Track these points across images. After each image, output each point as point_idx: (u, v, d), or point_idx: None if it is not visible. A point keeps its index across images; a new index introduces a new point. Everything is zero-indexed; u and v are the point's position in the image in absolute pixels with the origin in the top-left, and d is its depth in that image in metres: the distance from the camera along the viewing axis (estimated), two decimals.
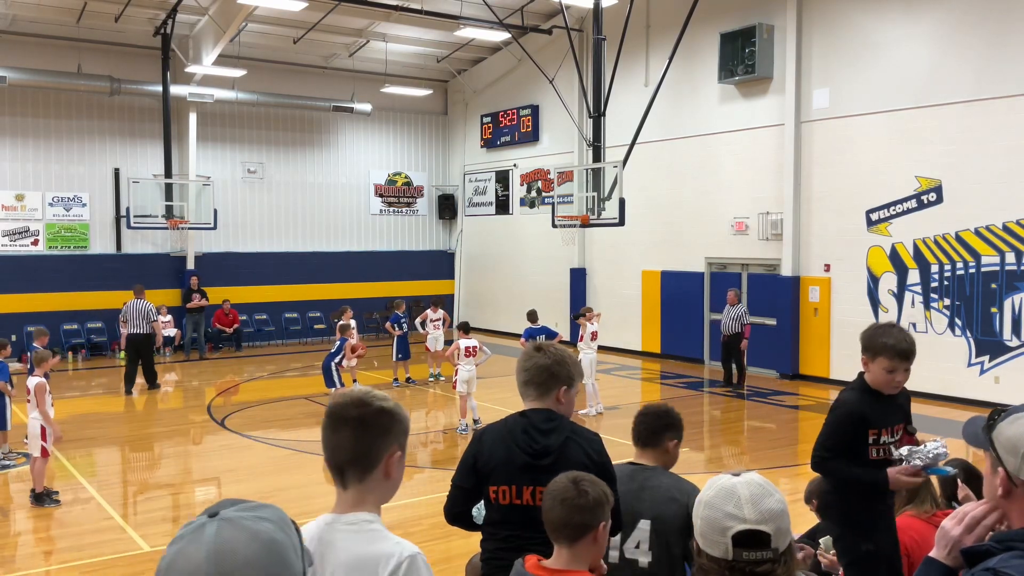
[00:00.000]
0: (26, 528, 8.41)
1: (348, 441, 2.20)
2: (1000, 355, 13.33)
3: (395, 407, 2.27)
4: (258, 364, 18.94)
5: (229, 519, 1.32)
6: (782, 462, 10.72)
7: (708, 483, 1.91)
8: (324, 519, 2.22)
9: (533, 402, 3.41)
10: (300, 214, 22.75)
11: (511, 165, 22.96)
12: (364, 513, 2.20)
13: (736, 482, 1.85)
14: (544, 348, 3.43)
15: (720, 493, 1.84)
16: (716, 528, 1.81)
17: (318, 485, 10.02)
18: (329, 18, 19.40)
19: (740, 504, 1.80)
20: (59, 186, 19.70)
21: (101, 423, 12.52)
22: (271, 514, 1.36)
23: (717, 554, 1.80)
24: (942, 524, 2.03)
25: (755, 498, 1.81)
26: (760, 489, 1.83)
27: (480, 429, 3.61)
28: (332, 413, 2.24)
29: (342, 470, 2.22)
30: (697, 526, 1.86)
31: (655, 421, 3.75)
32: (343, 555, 2.14)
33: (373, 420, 2.21)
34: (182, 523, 1.66)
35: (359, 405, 2.22)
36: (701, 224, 17.81)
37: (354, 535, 2.16)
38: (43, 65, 18.84)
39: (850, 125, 15.15)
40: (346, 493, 2.23)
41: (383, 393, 2.32)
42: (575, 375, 3.41)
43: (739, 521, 1.79)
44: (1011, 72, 12.96)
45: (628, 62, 17.51)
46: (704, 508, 1.85)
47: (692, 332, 18.21)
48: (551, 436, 3.28)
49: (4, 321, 18.77)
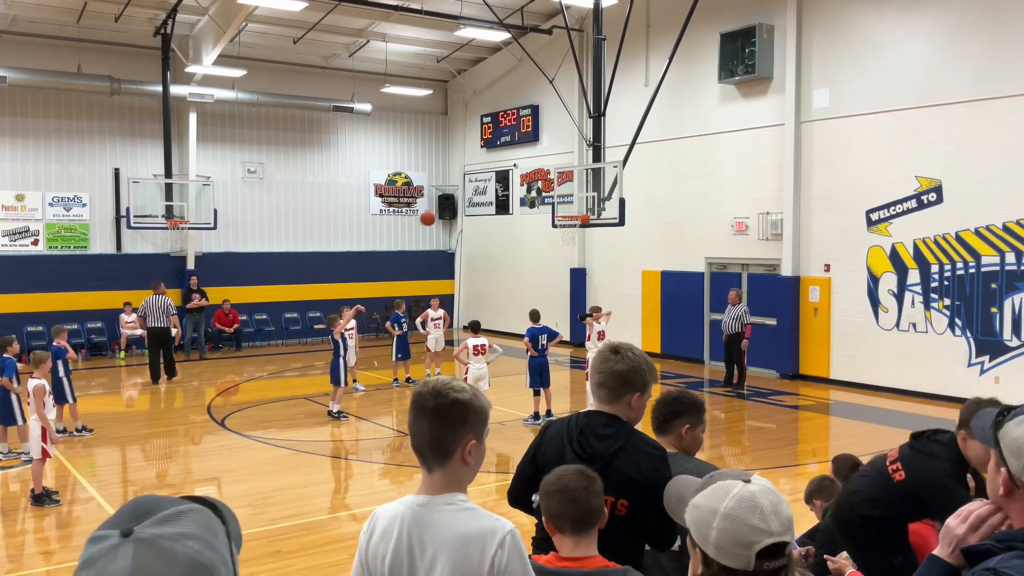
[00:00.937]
0: (26, 528, 8.41)
1: (426, 429, 2.36)
2: (1000, 355, 13.32)
3: (471, 399, 2.37)
4: (258, 364, 18.94)
5: (147, 541, 1.12)
6: (782, 462, 10.72)
7: (714, 489, 1.77)
8: (415, 500, 2.37)
9: (602, 404, 3.36)
10: (300, 214, 22.75)
11: (511, 165, 22.96)
12: (458, 494, 2.35)
13: (754, 492, 1.74)
14: (622, 352, 3.36)
15: (741, 505, 1.73)
16: (740, 543, 1.71)
17: (318, 485, 10.02)
18: (329, 18, 19.40)
19: (765, 517, 1.71)
20: (59, 186, 19.69)
21: (101, 423, 12.52)
22: (196, 527, 1.18)
23: (736, 566, 1.72)
24: (947, 522, 2.02)
25: (775, 507, 1.73)
26: (775, 496, 1.76)
27: (548, 421, 3.66)
28: (414, 402, 2.38)
29: (424, 455, 2.39)
30: (710, 537, 1.73)
31: (666, 408, 3.76)
32: (447, 533, 2.28)
33: (448, 411, 2.33)
34: None
35: (436, 396, 2.34)
36: (701, 224, 17.81)
37: (455, 514, 2.30)
38: (43, 65, 18.84)
39: (850, 125, 15.15)
40: (432, 476, 2.38)
41: (462, 384, 2.41)
42: (649, 381, 3.36)
43: (767, 535, 1.70)
44: (1011, 72, 12.96)
45: (628, 62, 17.51)
46: (722, 520, 1.72)
47: (692, 332, 18.21)
48: (605, 442, 3.25)
49: (4, 321, 18.75)
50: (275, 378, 17.31)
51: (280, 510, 8.67)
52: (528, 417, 12.69)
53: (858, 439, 11.53)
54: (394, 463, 10.91)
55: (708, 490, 1.79)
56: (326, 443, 12.04)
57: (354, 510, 8.88)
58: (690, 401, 3.77)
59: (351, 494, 9.70)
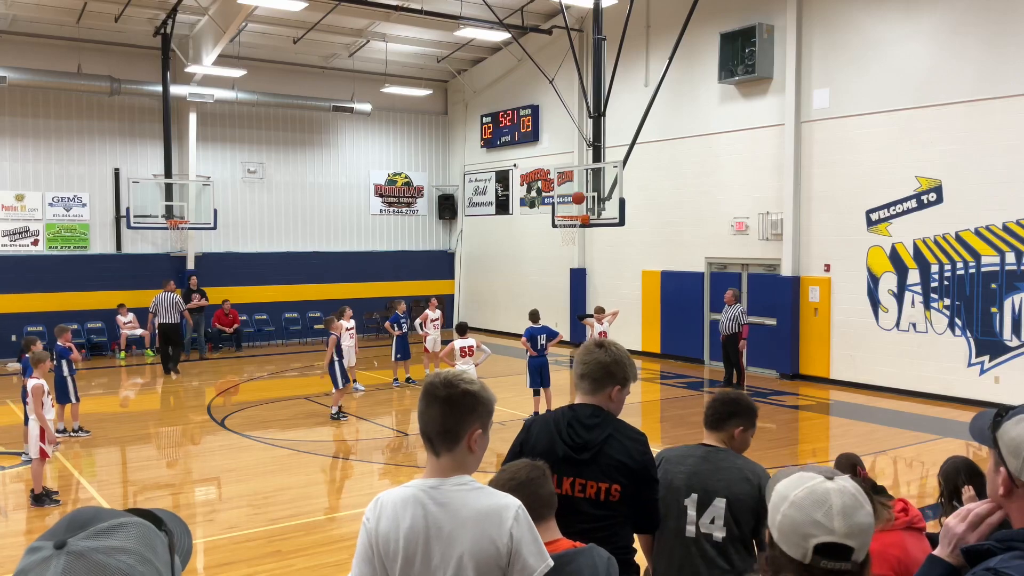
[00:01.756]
0: (26, 528, 8.40)
1: (437, 416, 2.49)
2: (1000, 355, 13.32)
3: (480, 390, 2.53)
4: (258, 364, 18.94)
5: (79, 553, 1.12)
6: (782, 462, 10.71)
7: (796, 478, 1.80)
8: (425, 483, 2.49)
9: (584, 396, 3.50)
10: (300, 214, 22.75)
11: (511, 165, 22.96)
12: (465, 476, 2.50)
13: (830, 488, 1.74)
14: (606, 346, 3.51)
15: (810, 497, 1.74)
16: (798, 532, 1.72)
17: (318, 485, 10.03)
18: (329, 18, 19.40)
19: (831, 514, 1.71)
20: (59, 186, 19.69)
21: (101, 423, 12.52)
22: (132, 542, 1.16)
23: (794, 555, 1.73)
24: (946, 522, 2.02)
25: (847, 510, 1.72)
26: (853, 500, 1.74)
27: (530, 418, 3.75)
28: (426, 391, 2.53)
29: (432, 441, 2.51)
30: (776, 520, 1.77)
31: (723, 407, 3.94)
32: (464, 511, 2.42)
33: (459, 400, 2.48)
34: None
35: (448, 386, 2.50)
36: (701, 224, 17.81)
37: (469, 493, 2.45)
38: (43, 65, 18.84)
39: (850, 125, 15.15)
40: (439, 460, 2.51)
41: (472, 377, 2.59)
42: (630, 376, 3.52)
43: (826, 532, 1.70)
44: (1011, 72, 12.95)
45: (628, 62, 17.51)
46: (789, 507, 1.75)
47: (692, 332, 18.21)
48: (593, 431, 3.38)
49: (4, 321, 18.79)
50: (275, 378, 17.31)
51: (280, 510, 8.67)
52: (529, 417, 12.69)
53: (858, 439, 11.53)
54: (394, 463, 10.90)
55: (792, 478, 1.82)
56: (326, 443, 12.04)
57: (354, 510, 8.88)
58: (747, 405, 3.98)
59: (351, 494, 9.70)
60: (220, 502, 9.33)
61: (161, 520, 1.24)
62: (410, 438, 12.19)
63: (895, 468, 10.36)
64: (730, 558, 3.73)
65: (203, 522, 8.31)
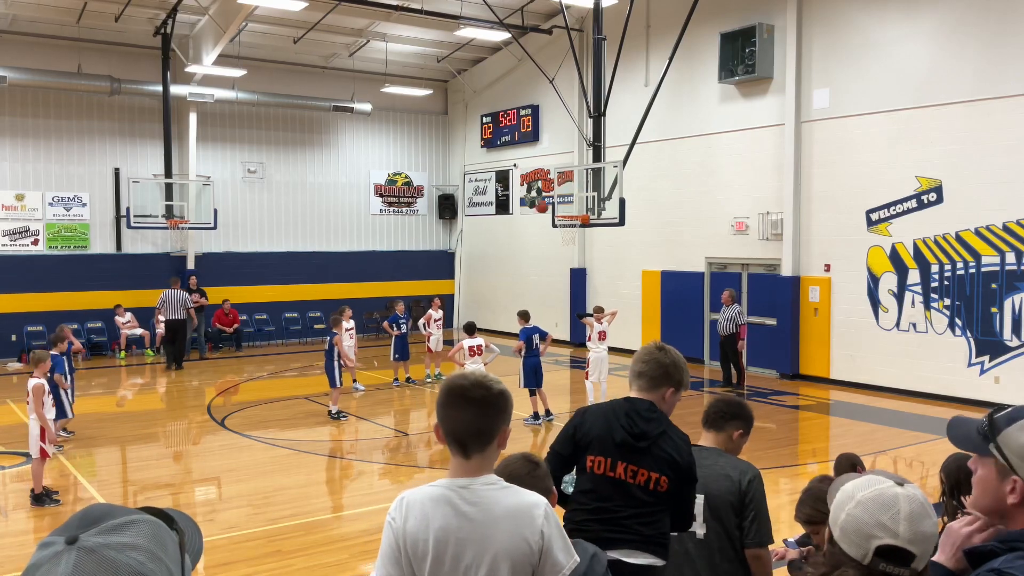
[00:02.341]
0: (26, 528, 8.41)
1: (471, 418, 2.49)
2: (1000, 355, 13.32)
3: (505, 389, 2.58)
4: (258, 364, 18.94)
5: (90, 549, 1.12)
6: (782, 462, 10.71)
7: (866, 479, 1.81)
8: (455, 483, 2.48)
9: (640, 392, 3.63)
10: (300, 214, 22.75)
11: (511, 165, 22.95)
12: (492, 475, 2.52)
13: (899, 493, 1.75)
14: (666, 349, 3.64)
15: (879, 499, 1.75)
16: (862, 533, 1.74)
17: (318, 485, 10.03)
18: (329, 18, 19.39)
19: (897, 519, 1.72)
20: (59, 186, 19.69)
21: (101, 423, 12.52)
22: (143, 539, 1.17)
23: (854, 555, 1.75)
24: (949, 525, 2.01)
25: (914, 517, 1.73)
26: (921, 508, 1.75)
27: (584, 407, 3.83)
28: (455, 393, 2.51)
29: (465, 443, 2.49)
30: (839, 518, 1.78)
31: (727, 408, 4.10)
32: (497, 509, 2.44)
33: (494, 401, 2.51)
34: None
35: (481, 387, 2.50)
36: (701, 224, 17.81)
37: (501, 491, 2.48)
38: (43, 65, 18.83)
39: (850, 125, 15.15)
40: (469, 462, 2.50)
41: (496, 377, 2.61)
42: (686, 381, 3.65)
43: (890, 535, 1.71)
44: (1011, 72, 12.95)
45: (628, 62, 17.51)
46: (855, 506, 1.76)
47: (692, 332, 18.20)
48: (651, 424, 3.52)
49: (4, 321, 18.79)
50: (275, 378, 17.31)
51: (280, 510, 8.67)
52: (528, 417, 12.69)
53: (858, 439, 11.53)
54: (394, 463, 10.90)
55: (861, 479, 1.83)
56: (326, 443, 12.04)
57: (354, 510, 8.88)
58: (749, 411, 4.16)
59: (351, 494, 9.69)
60: (220, 502, 9.33)
61: (172, 519, 1.25)
62: (410, 438, 12.19)
63: (895, 468, 10.35)
64: (712, 556, 3.79)
65: (203, 522, 8.31)
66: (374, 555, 2.62)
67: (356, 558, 7.34)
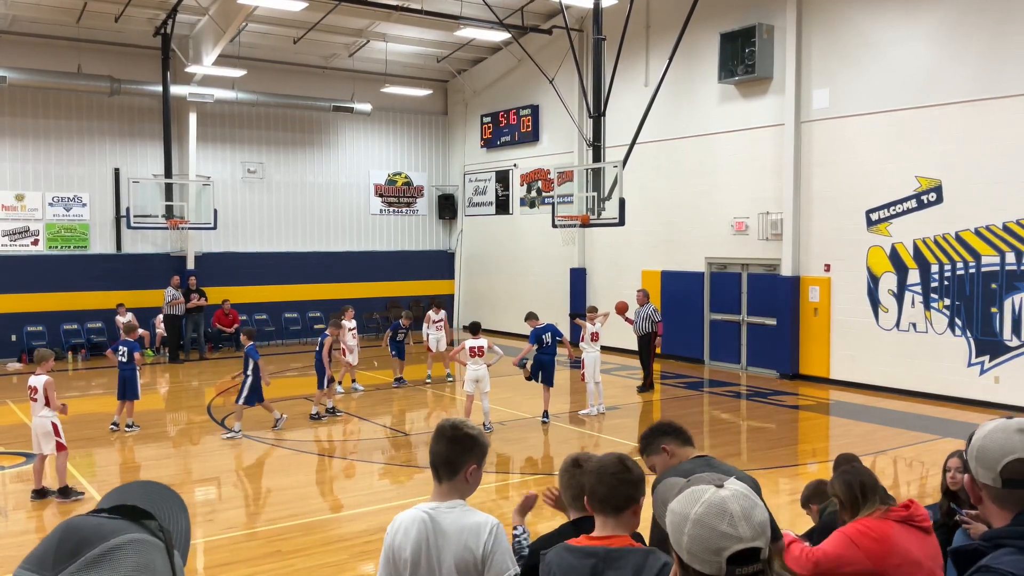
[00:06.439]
0: (26, 528, 8.41)
1: (442, 450, 3.15)
2: (1000, 355, 13.32)
3: (478, 435, 3.19)
4: None
5: None
6: (782, 462, 10.72)
7: (688, 495, 1.76)
8: (428, 506, 3.15)
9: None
10: (300, 214, 22.75)
11: (511, 165, 22.96)
12: (456, 500, 3.15)
13: (725, 496, 1.73)
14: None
15: (711, 510, 1.71)
16: (710, 548, 1.70)
17: (317, 485, 10.03)
18: (329, 18, 19.40)
19: (734, 522, 1.69)
20: (59, 186, 19.69)
21: (101, 423, 12.52)
22: (124, 569, 1.05)
23: (708, 571, 1.71)
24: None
25: (746, 512, 1.71)
26: (747, 500, 1.74)
27: (548, 554, 3.16)
28: (436, 429, 3.21)
29: (438, 470, 3.17)
30: (682, 542, 1.73)
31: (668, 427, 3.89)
32: (453, 527, 3.08)
33: (462, 439, 3.15)
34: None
35: (454, 428, 3.18)
36: (701, 224, 17.81)
37: (457, 513, 3.12)
38: (43, 65, 18.83)
39: (850, 125, 15.15)
40: (441, 487, 3.17)
41: (473, 424, 3.27)
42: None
43: (736, 541, 1.69)
44: (1011, 72, 12.96)
45: (628, 62, 17.51)
46: (693, 526, 1.72)
47: (692, 332, 18.20)
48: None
49: (4, 321, 18.80)
50: (275, 378, 17.25)
51: (280, 510, 8.68)
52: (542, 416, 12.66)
53: (858, 439, 11.53)
54: (394, 463, 10.91)
55: (683, 495, 1.78)
56: (325, 443, 12.05)
57: (354, 510, 8.88)
58: (676, 428, 3.86)
59: (351, 494, 9.69)
60: (220, 502, 9.33)
61: (152, 516, 1.14)
62: (410, 438, 12.19)
63: (895, 468, 10.36)
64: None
65: (203, 522, 8.31)
66: (373, 555, 2.69)
67: (355, 558, 7.34)
